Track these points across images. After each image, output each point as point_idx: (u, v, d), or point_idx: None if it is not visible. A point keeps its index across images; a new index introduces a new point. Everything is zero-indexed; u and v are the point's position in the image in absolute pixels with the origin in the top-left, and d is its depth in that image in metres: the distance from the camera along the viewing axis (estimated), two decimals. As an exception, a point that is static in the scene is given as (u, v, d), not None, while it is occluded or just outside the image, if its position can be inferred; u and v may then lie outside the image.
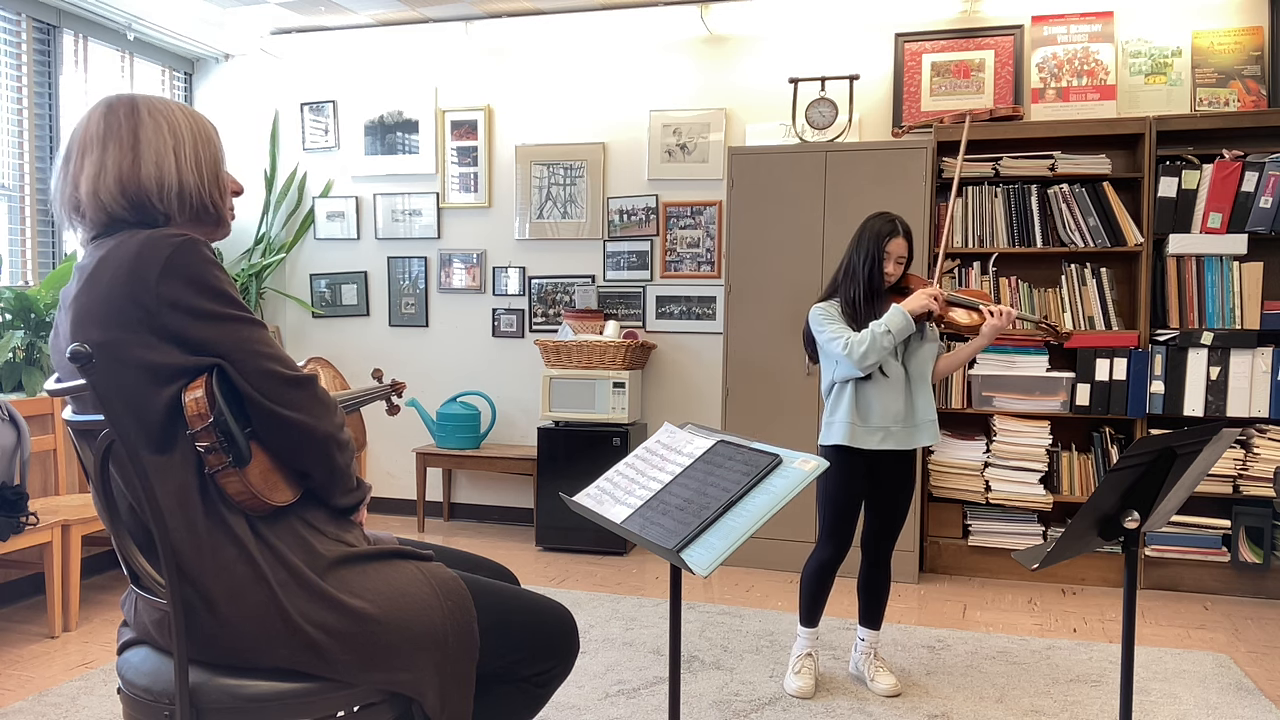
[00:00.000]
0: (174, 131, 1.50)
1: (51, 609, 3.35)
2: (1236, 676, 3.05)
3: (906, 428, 2.80)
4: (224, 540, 1.40)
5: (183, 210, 1.50)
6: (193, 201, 1.51)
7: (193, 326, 1.38)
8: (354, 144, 5.37)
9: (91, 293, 1.39)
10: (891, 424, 2.79)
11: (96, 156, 1.45)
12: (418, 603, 1.50)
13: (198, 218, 1.53)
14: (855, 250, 2.81)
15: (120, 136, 1.46)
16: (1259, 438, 3.90)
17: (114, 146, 1.45)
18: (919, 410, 2.81)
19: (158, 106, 1.50)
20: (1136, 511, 1.75)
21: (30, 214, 4.41)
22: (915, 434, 2.81)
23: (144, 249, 1.38)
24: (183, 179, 1.49)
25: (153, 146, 1.47)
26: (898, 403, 2.78)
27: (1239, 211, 3.93)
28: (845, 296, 2.82)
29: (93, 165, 1.45)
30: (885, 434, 2.79)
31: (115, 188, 1.44)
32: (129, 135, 1.46)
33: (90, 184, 1.45)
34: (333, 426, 1.48)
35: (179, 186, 1.49)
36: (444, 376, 5.32)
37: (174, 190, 1.48)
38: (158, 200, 1.47)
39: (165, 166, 1.47)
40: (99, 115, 1.48)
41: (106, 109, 1.48)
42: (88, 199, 1.45)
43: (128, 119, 1.47)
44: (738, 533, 1.50)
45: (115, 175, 1.45)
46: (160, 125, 1.49)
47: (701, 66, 4.84)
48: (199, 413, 1.36)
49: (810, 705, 2.79)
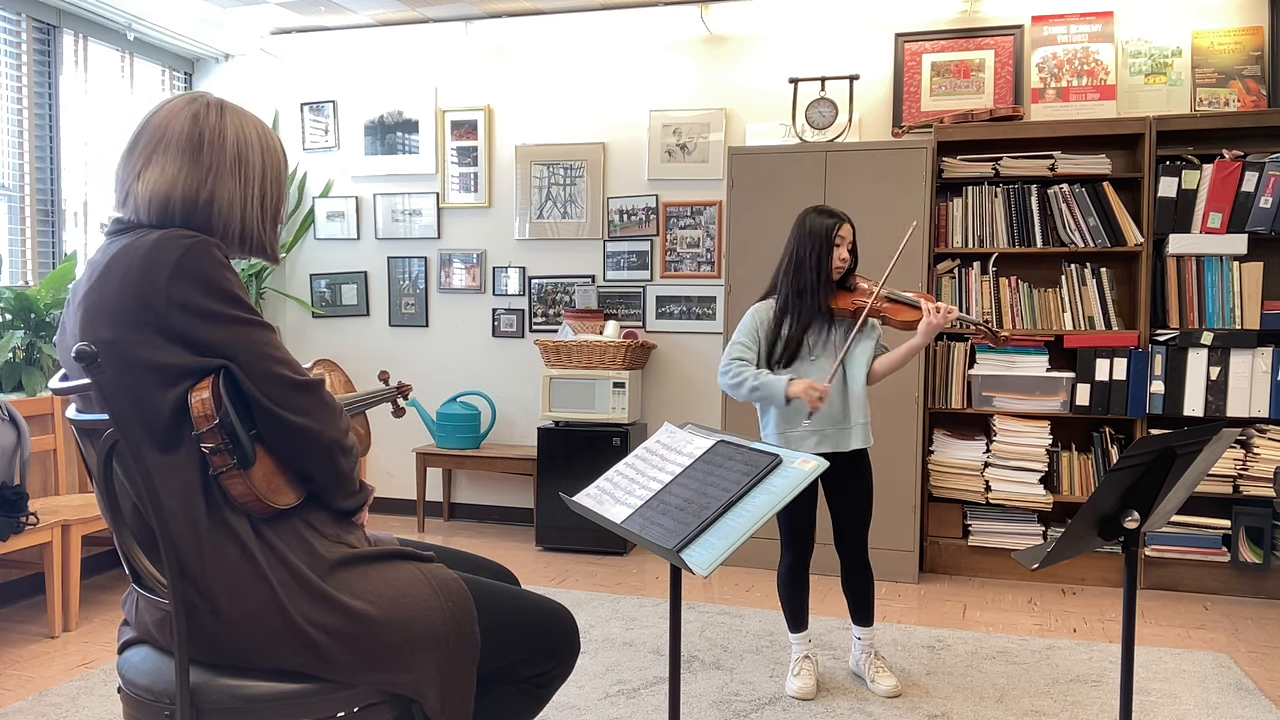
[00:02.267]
0: (249, 169, 1.50)
1: (51, 609, 3.35)
2: (1236, 676, 3.06)
3: (841, 429, 2.79)
4: (226, 541, 1.40)
5: (241, 247, 1.53)
6: (252, 242, 1.54)
7: (201, 328, 1.38)
8: (354, 144, 5.37)
9: (102, 291, 1.39)
10: (826, 426, 2.77)
11: (173, 164, 1.45)
12: (418, 604, 1.50)
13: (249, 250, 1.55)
14: (799, 245, 2.77)
15: (200, 156, 1.46)
16: (1259, 438, 3.90)
17: (190, 165, 1.46)
18: (853, 413, 2.79)
19: (241, 129, 1.50)
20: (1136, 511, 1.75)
21: (30, 214, 4.41)
22: (849, 436, 2.80)
23: (155, 249, 1.38)
24: (246, 223, 1.51)
25: (226, 184, 1.48)
26: (832, 406, 2.76)
27: (1239, 211, 3.93)
28: (790, 291, 2.78)
29: (165, 169, 1.45)
30: (821, 437, 2.78)
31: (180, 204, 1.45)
32: (210, 160, 1.46)
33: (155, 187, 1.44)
34: (337, 432, 1.48)
35: (241, 228, 1.51)
36: (444, 376, 5.32)
37: (236, 231, 1.50)
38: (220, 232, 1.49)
39: (234, 208, 1.49)
40: (186, 114, 1.47)
41: (194, 114, 1.48)
42: (148, 198, 1.45)
43: (213, 141, 1.47)
44: (738, 533, 1.50)
45: (187, 193, 1.45)
46: (238, 162, 1.49)
47: (701, 66, 4.84)
48: (205, 414, 1.36)
49: (810, 705, 2.79)
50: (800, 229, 2.79)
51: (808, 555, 2.87)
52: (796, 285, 2.76)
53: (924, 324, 2.68)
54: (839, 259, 2.75)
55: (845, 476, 2.84)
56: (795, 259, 2.77)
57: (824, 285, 2.74)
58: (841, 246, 2.75)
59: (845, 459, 2.82)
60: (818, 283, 2.74)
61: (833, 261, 2.74)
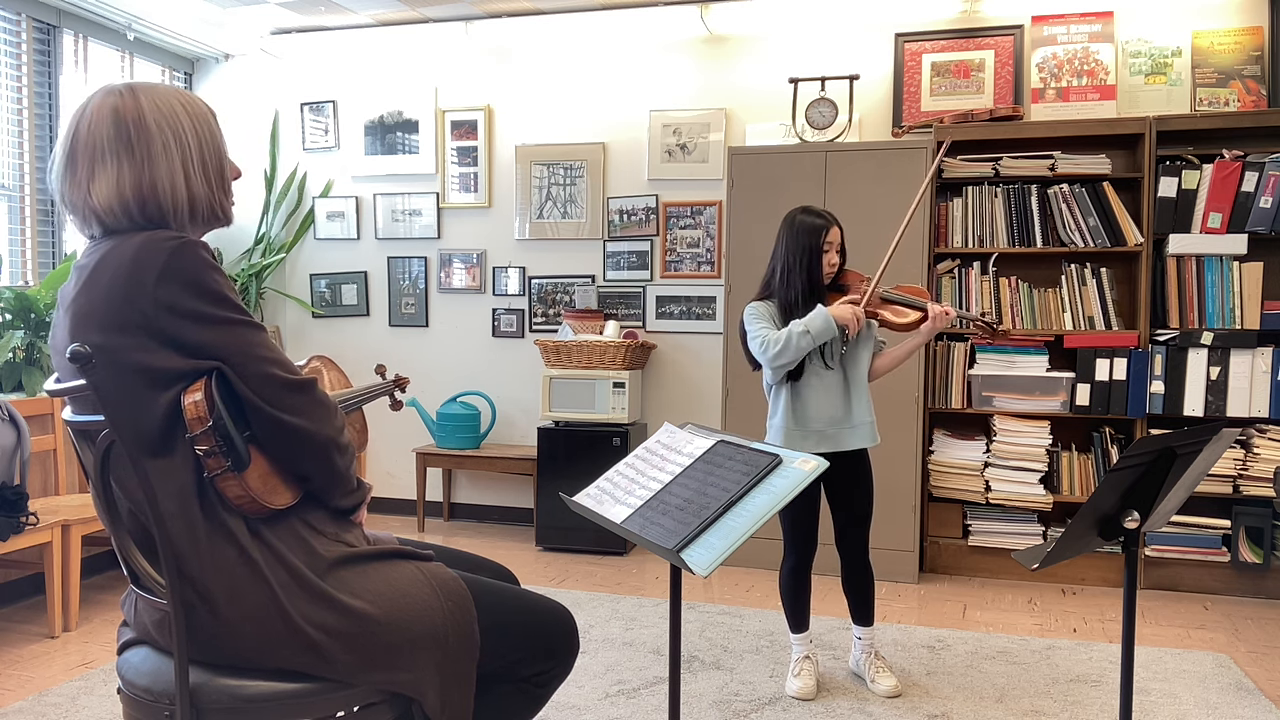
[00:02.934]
0: (180, 141, 1.49)
1: (51, 609, 3.35)
2: (1236, 676, 3.05)
3: (843, 429, 2.79)
4: (224, 541, 1.40)
5: (194, 219, 1.51)
6: (203, 211, 1.52)
7: (191, 330, 1.37)
8: (354, 144, 5.37)
9: (90, 295, 1.38)
10: (827, 426, 2.77)
11: (111, 169, 1.44)
12: (418, 603, 1.50)
13: (205, 221, 1.54)
14: (787, 248, 2.76)
15: (132, 149, 1.45)
16: (1259, 438, 3.90)
17: (127, 161, 1.44)
18: (855, 412, 2.79)
19: (163, 110, 1.48)
20: (1136, 511, 1.75)
21: (30, 214, 4.41)
22: (851, 435, 2.79)
23: (141, 252, 1.37)
24: (193, 192, 1.50)
25: (164, 162, 1.46)
26: (834, 405, 2.77)
27: (1239, 211, 3.93)
28: (783, 298, 2.78)
29: (107, 178, 1.44)
30: (821, 437, 2.78)
31: (134, 202, 1.44)
32: (141, 150, 1.45)
33: (106, 197, 1.44)
34: (333, 430, 1.48)
35: (190, 200, 1.49)
36: (444, 376, 5.32)
37: (185, 205, 1.49)
38: (171, 216, 1.47)
39: (177, 184, 1.47)
40: (107, 119, 1.46)
41: (113, 112, 1.46)
42: (105, 209, 1.44)
43: (137, 129, 1.45)
44: (738, 533, 1.50)
45: (134, 190, 1.44)
46: (168, 137, 1.47)
47: (701, 66, 4.84)
48: (198, 416, 1.36)
49: (810, 705, 2.79)
50: (789, 233, 2.78)
51: (810, 556, 2.87)
52: (789, 295, 2.76)
53: (926, 326, 2.68)
54: (828, 264, 2.75)
55: (846, 476, 2.84)
56: (785, 267, 2.77)
57: (816, 293, 2.75)
58: (830, 251, 2.75)
59: (846, 459, 2.82)
60: (810, 291, 2.74)
61: (823, 267, 2.75)
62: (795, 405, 2.78)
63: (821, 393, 2.77)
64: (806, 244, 2.73)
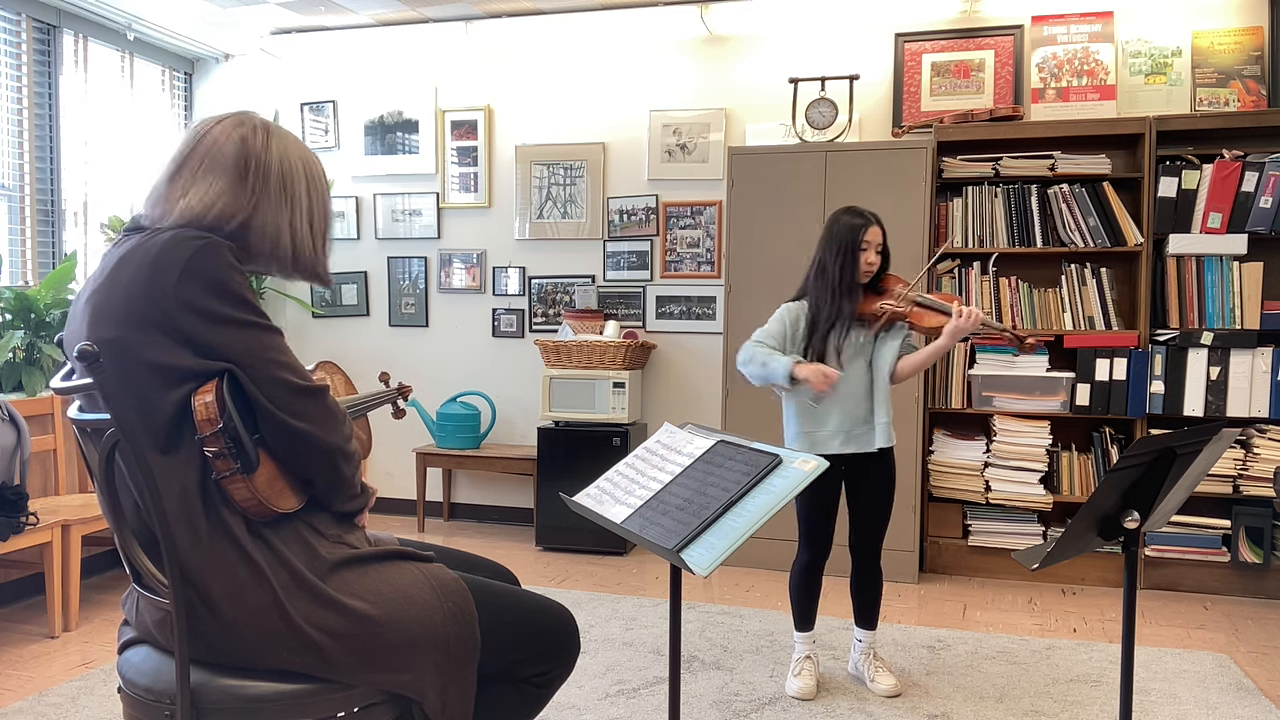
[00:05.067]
0: (293, 195, 1.51)
1: (51, 609, 3.35)
2: (1236, 676, 3.06)
3: (866, 429, 2.78)
4: (225, 542, 1.40)
5: (289, 270, 1.54)
6: (303, 264, 1.55)
7: (207, 330, 1.37)
8: (354, 144, 5.37)
9: (111, 289, 1.39)
10: (851, 426, 2.77)
11: (216, 185, 1.45)
12: (419, 604, 1.50)
13: (302, 274, 1.57)
14: (827, 247, 2.76)
15: (244, 181, 1.47)
16: (1259, 438, 3.90)
17: (235, 189, 1.46)
18: (880, 410, 2.78)
19: (285, 154, 1.51)
20: (1136, 511, 1.75)
21: (30, 214, 4.41)
22: (874, 435, 2.79)
23: (166, 249, 1.38)
24: (297, 247, 1.53)
25: (269, 208, 1.49)
26: (858, 406, 2.77)
27: (1239, 211, 3.93)
28: (817, 297, 2.78)
29: (206, 192, 1.45)
30: (846, 437, 2.77)
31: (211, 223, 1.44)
32: (252, 184, 1.47)
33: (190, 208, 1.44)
34: (340, 438, 1.48)
35: (293, 252, 1.52)
36: (444, 376, 5.32)
37: (287, 255, 1.52)
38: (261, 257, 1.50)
39: (279, 234, 1.50)
40: (234, 137, 1.48)
41: (241, 144, 1.48)
42: (188, 213, 1.44)
43: (258, 164, 1.48)
44: (738, 533, 1.50)
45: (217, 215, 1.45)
46: (282, 186, 1.50)
47: (701, 66, 4.84)
48: (209, 417, 1.36)
49: (810, 705, 2.79)
50: (828, 231, 2.78)
51: (825, 555, 2.87)
52: (823, 290, 2.76)
53: (950, 327, 2.65)
54: (866, 262, 2.73)
55: (869, 477, 2.83)
56: (821, 263, 2.78)
57: (850, 290, 2.73)
58: (869, 250, 2.73)
59: (870, 459, 2.82)
60: (843, 288, 2.73)
61: (859, 266, 2.73)
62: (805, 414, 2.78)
63: (845, 393, 2.76)
64: (844, 242, 2.72)
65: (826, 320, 2.75)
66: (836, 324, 2.74)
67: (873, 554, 2.88)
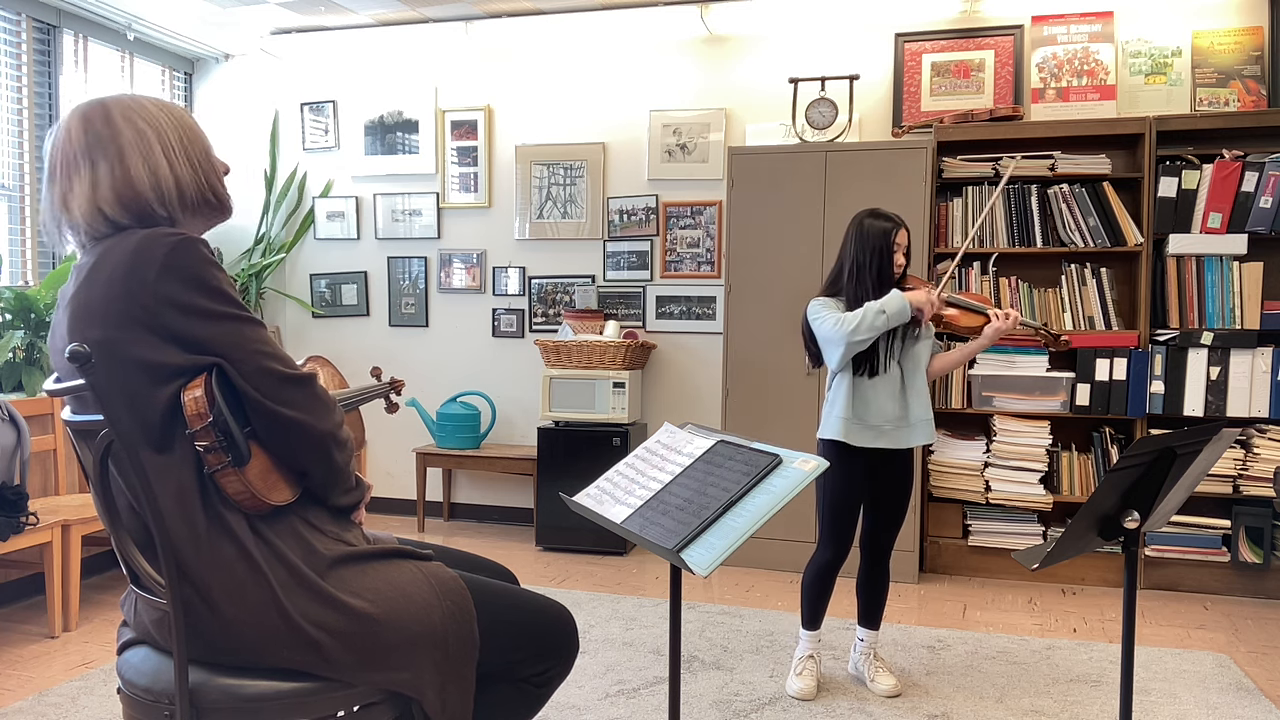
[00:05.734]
0: (155, 129, 1.47)
1: (51, 609, 3.35)
2: (1236, 676, 3.05)
3: (900, 427, 2.81)
4: (223, 539, 1.40)
5: (185, 207, 1.49)
6: (193, 196, 1.50)
7: (191, 325, 1.37)
8: (354, 144, 5.37)
9: (89, 291, 1.38)
10: (885, 423, 2.79)
11: (86, 173, 1.43)
12: (418, 603, 1.50)
13: (200, 210, 1.52)
14: (858, 248, 2.80)
15: (104, 147, 1.44)
16: (1259, 438, 3.90)
17: (101, 159, 1.43)
18: (913, 410, 2.81)
19: (131, 107, 1.48)
20: (1136, 511, 1.75)
21: (30, 214, 4.41)
22: (910, 433, 2.81)
23: (141, 248, 1.37)
24: (177, 175, 1.48)
25: (138, 151, 1.45)
26: (892, 402, 2.79)
27: (1239, 211, 3.93)
28: (852, 294, 2.81)
29: (84, 183, 1.43)
30: (879, 433, 2.79)
31: (113, 200, 1.43)
32: (112, 144, 1.44)
33: (87, 203, 1.43)
34: (332, 425, 1.48)
35: (176, 184, 1.48)
36: (444, 376, 5.32)
37: (173, 190, 1.47)
38: (159, 205, 1.46)
39: (158, 169, 1.46)
40: (77, 128, 1.45)
41: (82, 120, 1.45)
42: (86, 217, 1.43)
43: (105, 127, 1.45)
44: (738, 533, 1.50)
45: (110, 187, 1.43)
46: (140, 127, 1.46)
47: (701, 66, 4.84)
48: (198, 412, 1.36)
49: (810, 706, 2.79)
50: (858, 233, 2.81)
51: (845, 554, 2.87)
52: (863, 292, 2.79)
53: (991, 328, 2.73)
54: (895, 264, 2.79)
55: (892, 475, 2.85)
56: (856, 265, 2.80)
57: (887, 288, 2.78)
58: (898, 251, 2.79)
59: (899, 458, 2.84)
60: (882, 289, 2.77)
61: (892, 267, 2.78)
62: (856, 399, 2.80)
63: (882, 389, 2.79)
64: (877, 244, 2.77)
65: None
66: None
67: (885, 553, 2.91)
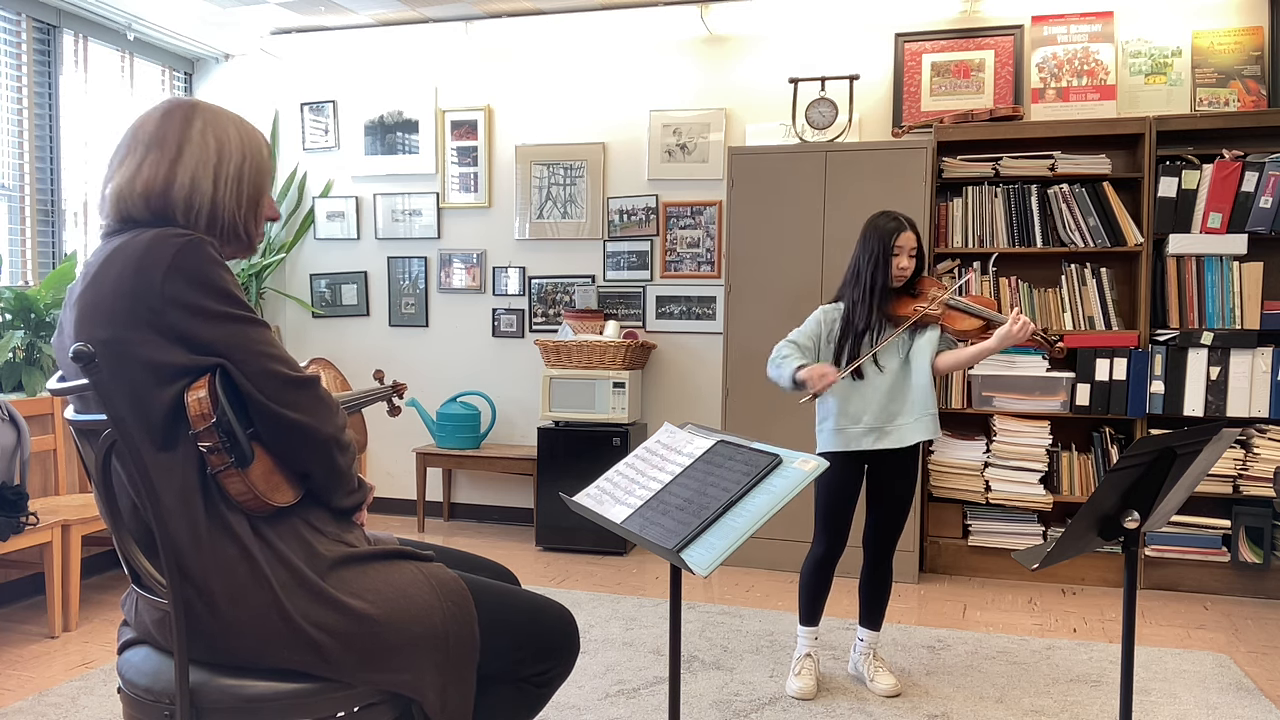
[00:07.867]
0: (221, 148, 1.49)
1: (51, 609, 3.35)
2: (1236, 676, 3.05)
3: (901, 424, 2.79)
4: (225, 540, 1.40)
5: (210, 230, 1.50)
6: (223, 224, 1.51)
7: (197, 326, 1.37)
8: (354, 144, 5.37)
9: (97, 290, 1.39)
10: (884, 422, 2.78)
11: (138, 159, 1.46)
12: (418, 603, 1.50)
13: (224, 239, 1.53)
14: (861, 251, 2.80)
15: (165, 143, 1.46)
16: (1259, 438, 3.90)
17: (156, 152, 1.46)
18: (916, 405, 2.79)
19: (213, 120, 1.50)
20: (1136, 511, 1.75)
21: (30, 214, 4.41)
22: (912, 430, 2.79)
23: (150, 248, 1.38)
24: (216, 200, 1.49)
25: (194, 160, 1.47)
26: (885, 400, 2.78)
27: (1239, 211, 3.93)
28: (849, 298, 2.81)
29: (130, 166, 1.46)
30: (879, 434, 2.78)
31: (140, 193, 1.44)
32: (174, 143, 1.46)
33: (118, 185, 1.45)
34: (334, 428, 1.48)
35: (211, 207, 1.49)
36: (444, 376, 5.32)
37: (204, 210, 1.48)
38: (182, 215, 1.46)
39: (200, 185, 1.47)
40: (158, 115, 1.49)
41: (165, 111, 1.49)
42: (112, 198, 1.45)
43: (181, 126, 1.48)
44: (738, 533, 1.50)
45: (146, 179, 1.45)
46: (209, 140, 1.48)
47: (701, 66, 4.84)
48: (202, 413, 1.36)
49: (810, 705, 2.79)
50: (863, 235, 2.81)
51: (840, 550, 2.87)
52: (857, 293, 2.79)
53: (1001, 332, 2.66)
54: (898, 267, 2.76)
55: (893, 473, 2.84)
56: (856, 266, 2.81)
57: (881, 293, 2.76)
58: (900, 255, 2.75)
59: (898, 457, 2.82)
60: (873, 292, 2.76)
61: (891, 270, 2.75)
62: (850, 403, 2.80)
63: (877, 389, 2.77)
64: (876, 247, 2.76)
65: (859, 323, 2.78)
66: (869, 326, 2.77)
67: (887, 552, 2.89)
